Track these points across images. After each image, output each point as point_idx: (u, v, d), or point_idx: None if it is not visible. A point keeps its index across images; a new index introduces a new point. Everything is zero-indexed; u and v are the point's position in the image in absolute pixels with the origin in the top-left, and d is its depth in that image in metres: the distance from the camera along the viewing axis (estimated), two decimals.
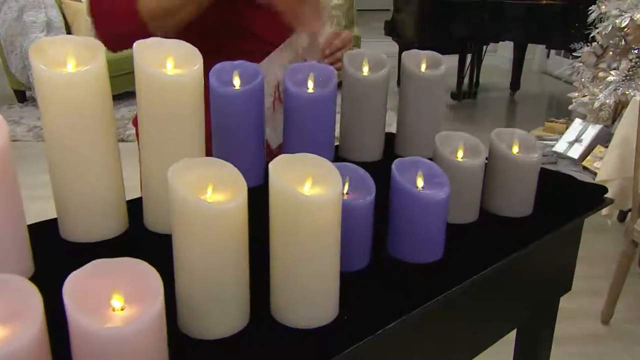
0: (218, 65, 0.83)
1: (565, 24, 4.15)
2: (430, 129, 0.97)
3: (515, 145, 0.87)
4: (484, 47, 4.94)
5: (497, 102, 5.24)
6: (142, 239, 0.73)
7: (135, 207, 0.76)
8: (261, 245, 0.63)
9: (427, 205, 0.74)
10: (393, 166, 0.76)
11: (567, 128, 3.79)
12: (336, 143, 1.03)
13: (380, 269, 0.75)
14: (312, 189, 0.62)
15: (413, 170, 0.78)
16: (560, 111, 4.55)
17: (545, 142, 3.80)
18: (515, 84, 5.12)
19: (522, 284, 0.88)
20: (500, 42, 5.35)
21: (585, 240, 0.97)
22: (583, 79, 3.66)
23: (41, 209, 0.73)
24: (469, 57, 4.90)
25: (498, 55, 6.29)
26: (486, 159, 0.87)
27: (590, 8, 3.50)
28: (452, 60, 5.02)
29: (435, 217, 0.75)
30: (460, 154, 0.85)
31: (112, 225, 0.70)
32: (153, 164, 0.69)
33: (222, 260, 0.58)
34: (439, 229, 0.76)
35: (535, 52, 6.03)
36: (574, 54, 3.72)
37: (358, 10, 5.50)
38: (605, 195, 0.94)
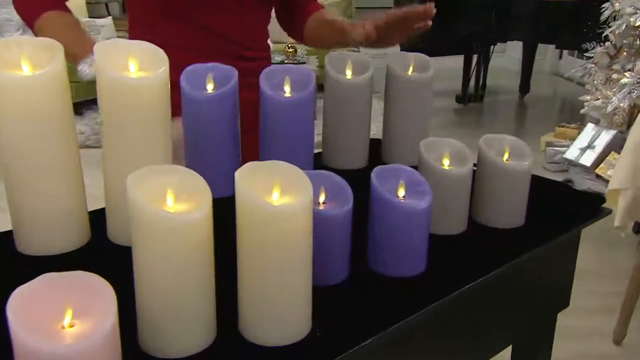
0: (190, 68, 0.85)
1: (577, 23, 4.18)
2: (418, 135, 0.98)
3: (506, 152, 0.88)
4: (491, 47, 4.97)
5: (505, 105, 5.26)
6: (104, 251, 0.73)
7: (99, 218, 0.77)
8: (232, 258, 0.64)
9: (407, 215, 0.75)
10: (372, 174, 0.77)
11: (579, 133, 3.81)
12: (320, 150, 1.04)
13: (359, 282, 0.75)
14: (280, 198, 0.63)
15: (394, 178, 0.79)
16: (573, 115, 4.57)
17: (555, 148, 3.82)
18: (524, 87, 5.14)
19: (513, 299, 0.89)
20: (509, 42, 5.39)
21: (598, 254, 0.98)
22: (595, 81, 3.68)
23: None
24: (475, 58, 4.93)
25: (506, 56, 6.32)
26: (475, 166, 0.89)
27: (603, 5, 3.52)
28: (457, 61, 5.07)
29: (417, 228, 0.76)
30: (446, 161, 0.86)
31: (71, 237, 0.71)
32: (115, 173, 0.70)
33: (185, 274, 0.59)
34: (421, 240, 0.77)
35: (546, 53, 6.06)
36: (586, 54, 3.74)
37: (357, 7, 5.54)
38: (617, 206, 0.95)
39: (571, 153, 3.68)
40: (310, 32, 1.26)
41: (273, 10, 1.26)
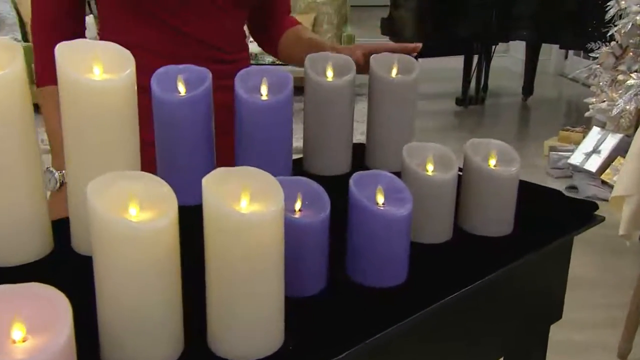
0: (161, 69, 0.85)
1: (581, 21, 4.21)
2: (403, 139, 0.98)
3: (492, 157, 0.89)
4: (492, 47, 5.00)
5: (507, 108, 5.29)
6: (68, 262, 0.74)
7: (64, 227, 0.77)
8: (202, 269, 0.64)
9: (387, 222, 0.76)
10: (351, 181, 0.78)
11: (584, 137, 3.83)
12: (300, 155, 1.05)
13: (337, 293, 0.76)
14: (250, 205, 0.63)
15: (374, 184, 0.79)
16: (579, 118, 4.59)
17: (559, 153, 3.83)
18: (528, 88, 5.17)
19: (501, 310, 0.90)
20: (511, 42, 5.42)
21: (601, 264, 0.97)
22: (601, 83, 3.70)
23: None
24: (475, 59, 4.95)
25: (509, 56, 6.36)
26: (461, 170, 0.90)
27: (608, 4, 3.55)
28: (457, 61, 5.10)
29: (397, 236, 0.77)
30: (430, 166, 0.87)
31: (32, 247, 0.72)
32: (78, 180, 0.70)
33: (149, 285, 0.59)
34: (401, 248, 0.77)
35: (551, 53, 6.10)
36: (591, 54, 3.77)
37: (352, 6, 5.57)
38: (622, 214, 0.96)
39: (576, 158, 3.70)
40: (285, 48, 1.27)
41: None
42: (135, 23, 1.11)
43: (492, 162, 0.89)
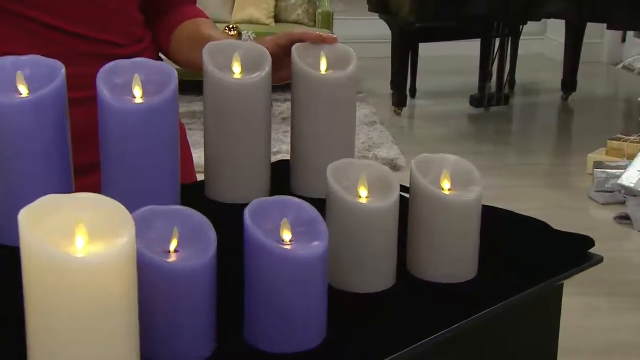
0: None
1: None
2: (337, 155, 1.01)
3: (446, 179, 0.91)
4: (520, 26, 5.06)
5: (541, 110, 5.34)
6: None
7: None
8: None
9: (293, 266, 0.77)
10: (246, 211, 0.80)
11: None
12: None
13: None
14: (88, 245, 0.65)
15: (278, 215, 0.81)
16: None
17: (607, 171, 3.88)
18: (569, 83, 5.23)
19: None
20: (546, 21, 5.48)
21: None
22: None
23: None
24: (497, 43, 5.01)
25: (546, 40, 6.43)
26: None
27: None
28: (472, 47, 5.16)
29: (308, 284, 0.78)
30: (363, 191, 0.89)
31: None
32: None
33: None
34: (314, 301, 0.79)
35: (603, 35, 6.18)
36: None
37: None
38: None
39: (629, 178, 3.74)
40: (178, 46, 1.30)
41: None
42: None
43: (446, 184, 0.91)
